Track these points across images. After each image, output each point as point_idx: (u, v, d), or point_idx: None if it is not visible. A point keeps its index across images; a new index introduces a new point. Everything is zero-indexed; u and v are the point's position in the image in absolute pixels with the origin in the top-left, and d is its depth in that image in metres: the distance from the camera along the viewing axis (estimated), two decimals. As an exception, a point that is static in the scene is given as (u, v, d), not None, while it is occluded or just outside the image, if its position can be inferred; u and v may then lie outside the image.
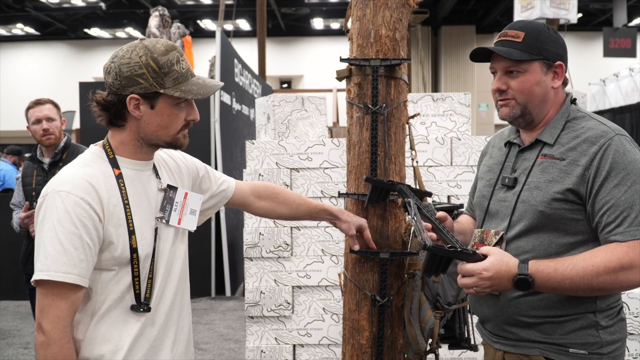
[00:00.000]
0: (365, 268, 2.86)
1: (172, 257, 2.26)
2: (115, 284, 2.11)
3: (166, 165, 2.38)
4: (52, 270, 1.97)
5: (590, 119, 2.31)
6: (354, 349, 2.89)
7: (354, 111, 2.90)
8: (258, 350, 4.56)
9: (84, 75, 20.10)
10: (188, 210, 2.31)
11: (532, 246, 2.29)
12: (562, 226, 2.24)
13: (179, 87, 2.11)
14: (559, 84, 2.36)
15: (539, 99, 2.34)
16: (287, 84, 27.45)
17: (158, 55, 2.10)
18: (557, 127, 2.33)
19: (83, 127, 9.25)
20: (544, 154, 2.32)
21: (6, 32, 26.84)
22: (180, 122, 2.18)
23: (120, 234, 2.08)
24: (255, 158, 4.62)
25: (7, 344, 7.09)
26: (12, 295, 8.99)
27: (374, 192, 2.76)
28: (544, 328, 2.28)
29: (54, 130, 4.66)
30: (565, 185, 2.21)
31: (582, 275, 2.09)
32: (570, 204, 2.22)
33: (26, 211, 4.57)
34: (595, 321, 2.25)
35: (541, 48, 2.31)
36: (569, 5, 16.23)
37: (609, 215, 2.15)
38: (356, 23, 2.88)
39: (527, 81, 2.32)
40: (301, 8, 24.14)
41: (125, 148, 2.19)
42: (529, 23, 2.39)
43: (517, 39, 2.33)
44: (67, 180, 2.05)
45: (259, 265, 4.59)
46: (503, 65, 2.36)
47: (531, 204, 2.28)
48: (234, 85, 9.96)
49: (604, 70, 23.27)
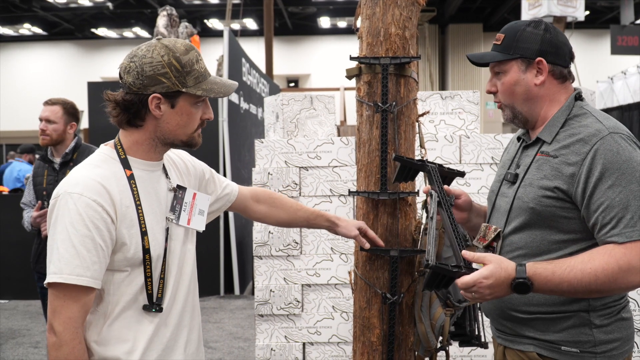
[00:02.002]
0: (376, 266, 2.87)
1: (183, 257, 2.27)
2: (128, 285, 2.11)
3: (175, 166, 2.39)
4: (65, 273, 1.98)
5: (590, 117, 2.28)
6: (364, 347, 2.90)
7: (363, 109, 2.91)
8: (268, 348, 4.57)
9: (92, 75, 20.13)
10: (197, 211, 2.32)
11: (524, 242, 2.30)
12: (554, 223, 2.24)
13: (200, 86, 2.14)
14: (542, 80, 2.33)
15: (521, 98, 2.37)
16: (294, 83, 27.46)
17: (180, 54, 2.11)
18: (557, 125, 2.32)
19: (91, 126, 9.29)
20: (542, 151, 2.32)
21: (13, 32, 26.93)
22: (197, 121, 2.20)
23: (133, 235, 2.09)
24: (265, 157, 4.63)
25: (17, 343, 7.13)
26: (22, 294, 9.03)
27: (402, 171, 2.73)
28: (537, 324, 2.29)
29: (51, 132, 4.67)
30: (554, 182, 2.22)
31: (579, 278, 2.07)
32: (561, 202, 2.21)
33: (38, 210, 4.59)
34: (588, 319, 2.24)
35: (517, 47, 2.34)
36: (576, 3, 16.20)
37: (604, 217, 2.12)
38: (366, 21, 2.89)
39: (506, 82, 2.37)
40: (308, 7, 24.16)
41: (138, 148, 2.19)
42: (513, 24, 2.42)
43: (498, 41, 2.40)
44: (79, 181, 2.05)
45: (268, 264, 4.60)
46: (491, 68, 2.43)
47: (524, 201, 2.29)
48: (242, 85, 9.98)
49: (612, 67, 23.20)
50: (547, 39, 2.34)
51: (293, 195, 4.55)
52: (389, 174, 2.83)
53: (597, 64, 24.84)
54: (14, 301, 9.15)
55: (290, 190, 4.55)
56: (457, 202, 2.59)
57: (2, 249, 9.16)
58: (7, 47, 27.61)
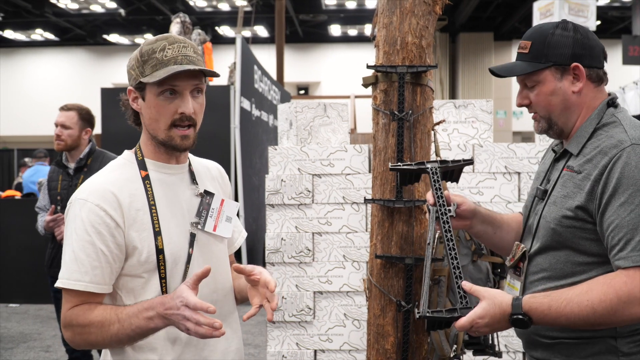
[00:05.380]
0: (391, 274, 2.88)
1: (214, 264, 2.18)
2: (146, 291, 2.07)
3: (210, 175, 2.35)
4: (65, 278, 2.00)
5: (618, 126, 2.11)
6: (378, 354, 2.91)
7: (379, 118, 2.92)
8: (279, 355, 4.58)
9: (103, 81, 20.21)
10: (224, 217, 2.27)
11: (548, 264, 2.17)
12: (576, 245, 2.10)
13: (155, 75, 2.02)
14: (580, 87, 2.17)
15: (559, 108, 2.18)
16: (304, 91, 27.49)
17: (144, 45, 2.09)
18: (584, 136, 2.15)
19: (104, 132, 9.33)
20: (568, 166, 2.16)
21: (25, 38, 27.06)
22: (169, 115, 2.07)
23: (145, 238, 2.05)
24: (278, 164, 4.65)
25: (28, 347, 7.15)
26: (33, 298, 9.07)
27: (404, 177, 2.65)
28: (561, 349, 2.15)
29: (65, 137, 4.73)
30: (575, 202, 2.07)
31: (577, 313, 1.95)
32: (581, 222, 2.07)
33: (52, 215, 4.63)
34: (615, 346, 2.07)
35: (549, 54, 2.16)
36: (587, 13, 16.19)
37: (614, 237, 1.97)
38: (382, 30, 2.91)
39: (541, 93, 2.18)
40: (319, 15, 24.19)
41: (147, 148, 2.18)
42: (537, 28, 2.24)
43: (525, 50, 2.21)
44: (87, 187, 2.06)
45: (280, 271, 4.61)
46: (520, 79, 2.25)
47: (547, 220, 2.16)
48: (254, 92, 10.00)
49: (624, 78, 23.13)
50: (580, 41, 2.17)
51: (306, 203, 4.57)
52: (405, 182, 2.83)
53: (608, 74, 24.69)
54: (25, 305, 9.18)
55: (303, 198, 4.56)
56: (458, 211, 2.39)
57: (15, 253, 9.21)
58: (19, 52, 27.74)
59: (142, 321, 1.95)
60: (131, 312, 1.97)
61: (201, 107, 2.15)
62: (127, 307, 2.00)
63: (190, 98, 2.08)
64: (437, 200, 2.34)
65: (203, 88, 2.15)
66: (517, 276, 2.28)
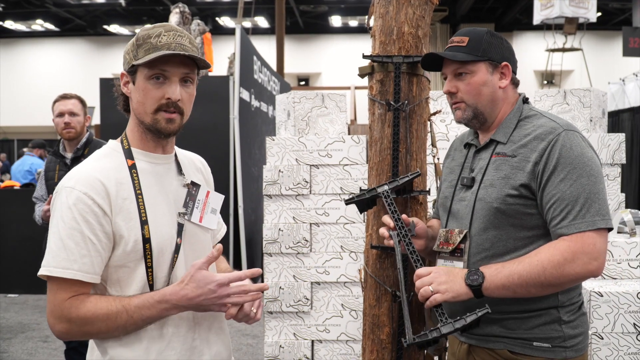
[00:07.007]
0: (386, 264, 2.88)
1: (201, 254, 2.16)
2: (132, 281, 2.05)
3: (194, 167, 2.36)
4: (52, 266, 1.96)
5: (542, 117, 2.41)
6: (374, 344, 2.91)
7: (375, 108, 2.92)
8: (277, 345, 4.58)
9: (103, 72, 20.16)
10: (209, 209, 2.27)
11: (491, 243, 2.37)
12: (519, 221, 2.33)
13: (145, 57, 2.03)
14: (507, 84, 2.46)
15: (487, 99, 2.44)
16: (305, 82, 27.47)
17: (141, 30, 2.10)
18: (510, 126, 2.43)
19: (103, 122, 9.32)
20: (497, 152, 2.41)
21: (26, 28, 27.05)
22: (156, 99, 2.07)
23: (132, 227, 2.03)
24: (275, 154, 4.65)
25: (27, 337, 7.17)
26: (32, 289, 9.07)
27: (360, 204, 2.79)
28: (508, 323, 2.37)
29: (75, 125, 4.73)
30: (517, 181, 2.31)
31: (528, 270, 2.18)
32: (524, 199, 2.31)
33: (49, 204, 4.63)
34: (559, 316, 2.34)
35: (486, 50, 2.43)
36: (588, 4, 16.17)
37: (555, 209, 2.24)
38: (379, 20, 2.90)
39: (474, 82, 2.43)
40: (319, 5, 24.18)
41: (133, 136, 2.16)
42: (472, 30, 2.50)
43: (462, 43, 2.45)
44: (74, 175, 2.03)
45: (278, 261, 4.61)
46: (452, 69, 2.47)
47: (487, 202, 2.36)
48: (253, 82, 9.98)
49: (624, 69, 23.09)
50: (507, 48, 2.50)
51: (303, 193, 4.56)
52: (401, 172, 2.83)
53: (608, 65, 24.75)
54: (24, 295, 9.20)
55: (301, 188, 4.56)
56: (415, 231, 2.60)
57: (13, 243, 9.22)
58: (19, 42, 27.74)
59: (156, 312, 1.99)
60: (140, 303, 1.98)
61: (190, 97, 2.15)
62: (132, 298, 2.00)
63: (180, 86, 2.09)
64: (396, 223, 2.55)
65: (194, 78, 2.14)
66: (458, 257, 2.45)
